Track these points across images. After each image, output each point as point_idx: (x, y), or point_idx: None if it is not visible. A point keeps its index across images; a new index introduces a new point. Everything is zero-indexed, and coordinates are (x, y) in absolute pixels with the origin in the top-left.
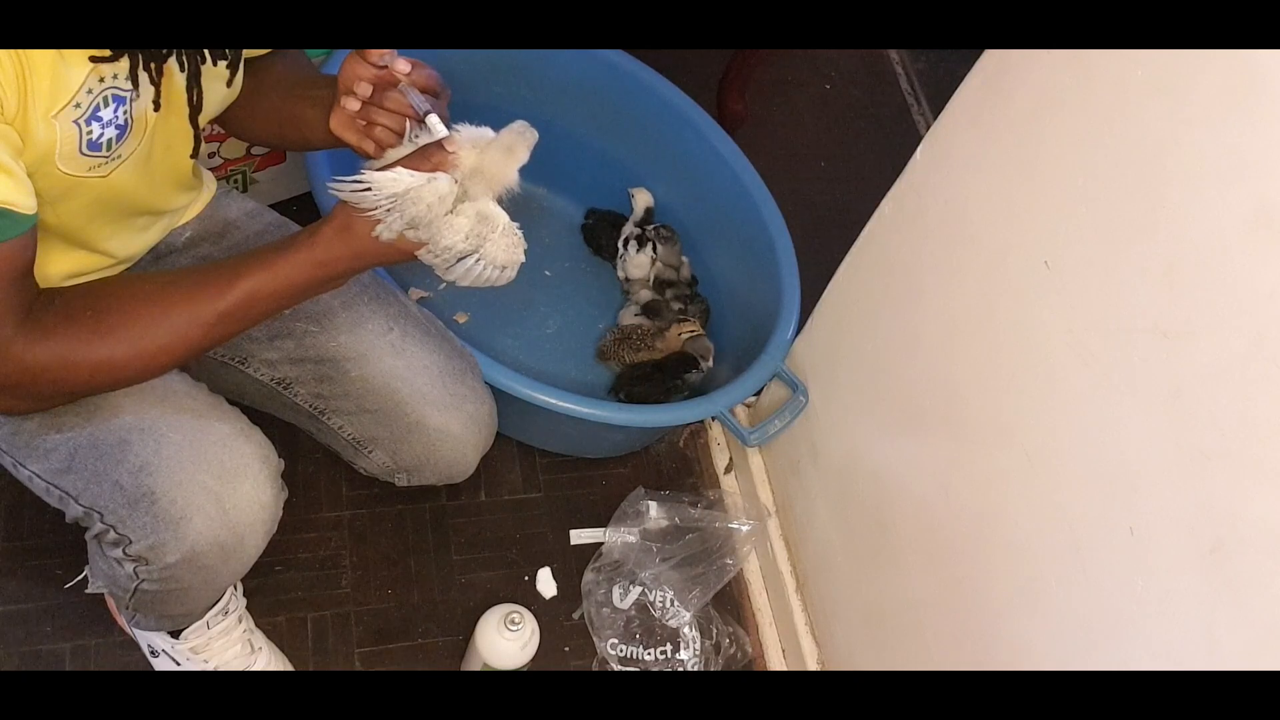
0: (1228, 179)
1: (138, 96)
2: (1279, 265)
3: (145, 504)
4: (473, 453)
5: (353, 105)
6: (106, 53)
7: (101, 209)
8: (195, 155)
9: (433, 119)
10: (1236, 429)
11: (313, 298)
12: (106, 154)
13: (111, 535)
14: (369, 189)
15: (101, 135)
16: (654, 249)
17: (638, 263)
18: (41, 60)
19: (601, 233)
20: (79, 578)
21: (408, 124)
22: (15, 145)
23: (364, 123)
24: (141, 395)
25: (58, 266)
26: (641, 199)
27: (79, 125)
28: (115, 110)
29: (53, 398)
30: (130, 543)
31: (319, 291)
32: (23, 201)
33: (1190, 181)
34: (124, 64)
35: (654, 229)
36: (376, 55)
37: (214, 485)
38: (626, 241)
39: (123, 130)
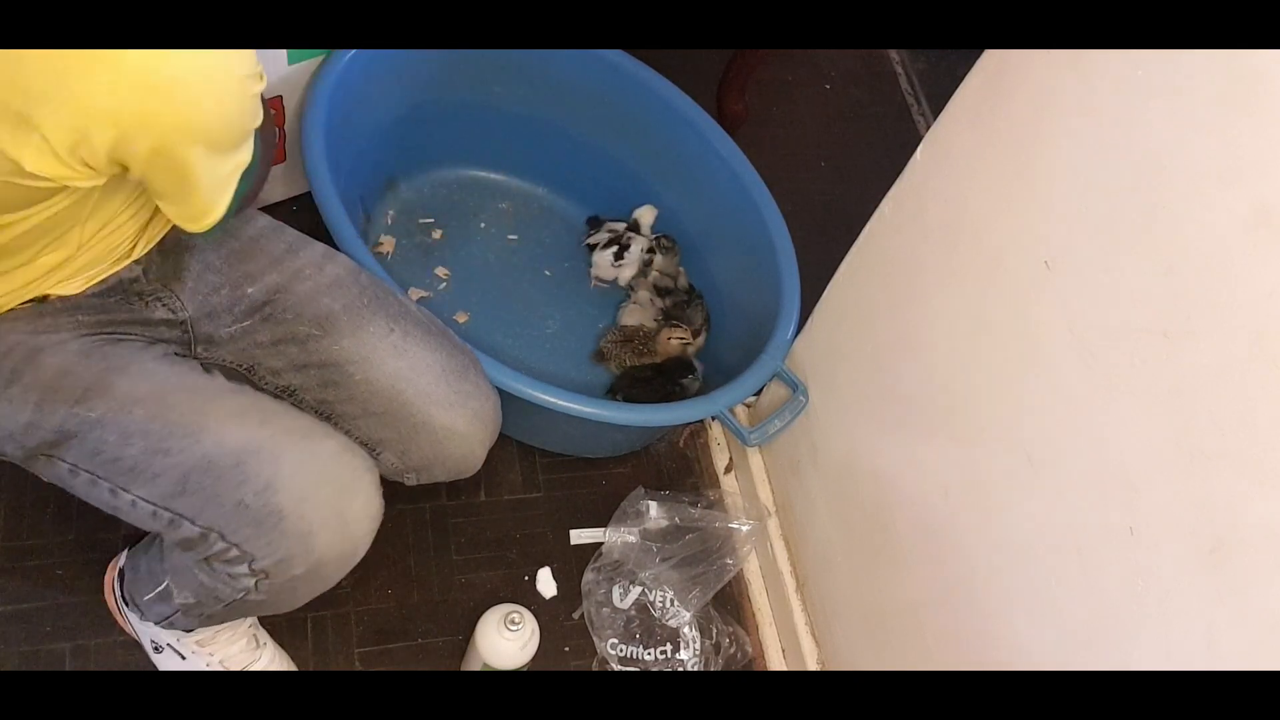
0: (1228, 179)
1: None
2: (1278, 265)
3: (272, 521)
4: (480, 448)
5: None
6: None
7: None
8: None
9: None
10: (1237, 429)
11: None
12: None
13: (233, 553)
14: None
15: None
16: (618, 251)
17: (602, 259)
18: None
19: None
20: (160, 587)
21: None
22: None
23: None
24: (243, 416)
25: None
26: (646, 218)
27: None
28: None
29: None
30: (255, 559)
31: None
32: None
33: (1190, 181)
34: None
35: (656, 239)
36: None
37: (335, 499)
38: (607, 244)
39: None
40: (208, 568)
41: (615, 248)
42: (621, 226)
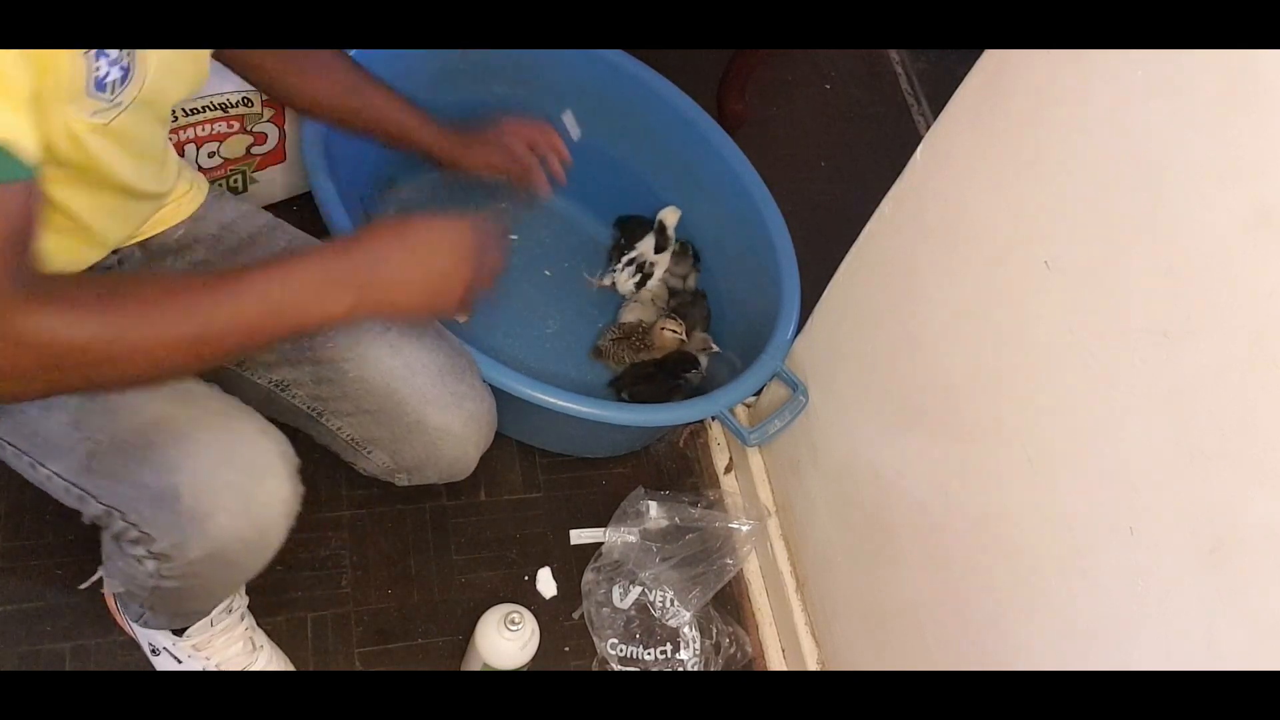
0: (1228, 179)
1: None
2: (1278, 265)
3: (169, 502)
4: (473, 450)
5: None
6: None
7: (94, 172)
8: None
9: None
10: (1237, 429)
11: (318, 327)
12: (109, 98)
13: (133, 533)
14: None
15: (108, 75)
16: (640, 281)
17: (623, 279)
18: None
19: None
20: (94, 578)
21: None
22: (38, 67)
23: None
24: (162, 395)
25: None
26: (670, 219)
27: (88, 59)
28: (120, 51)
29: (34, 380)
30: (153, 541)
31: (326, 318)
32: (24, 145)
33: (1190, 181)
34: None
35: (680, 243)
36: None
37: (239, 482)
38: (630, 262)
39: (126, 73)
40: (119, 550)
41: (639, 276)
42: (650, 247)
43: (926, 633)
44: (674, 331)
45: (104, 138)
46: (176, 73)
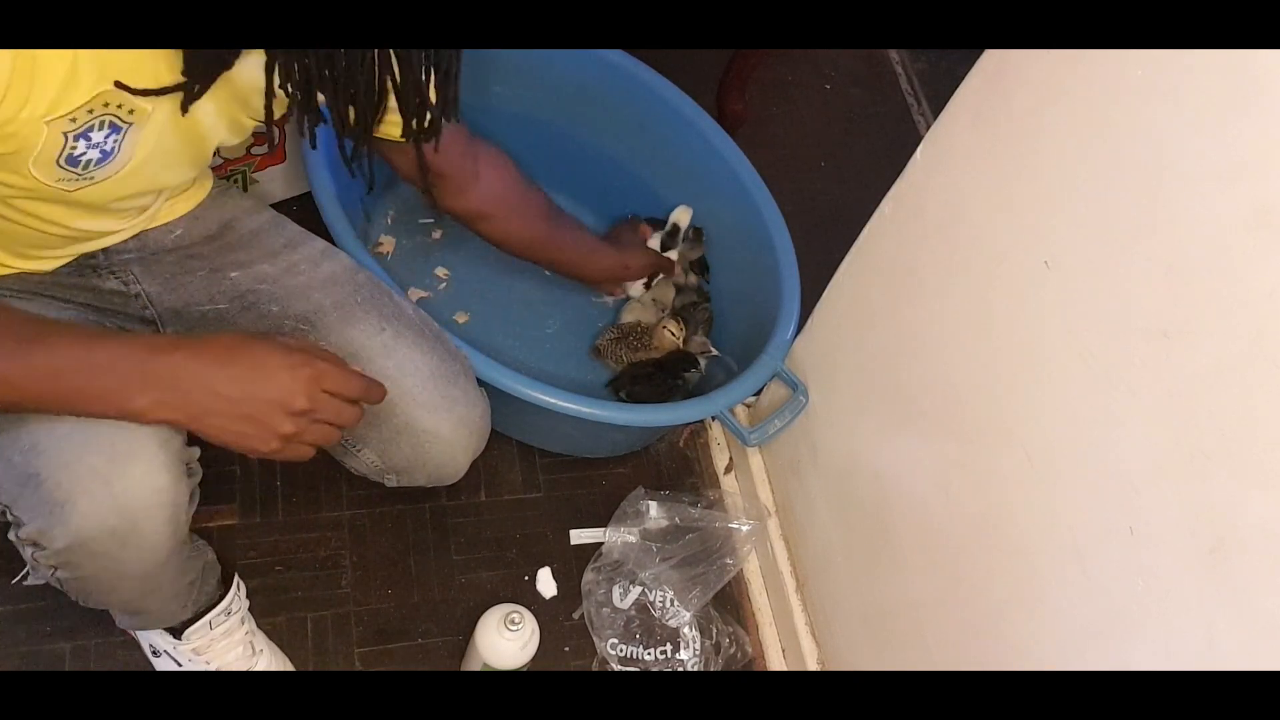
0: (1228, 179)
1: (148, 115)
2: (1278, 265)
3: (32, 485)
4: (463, 456)
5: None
6: (130, 80)
7: (55, 210)
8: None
9: None
10: (1236, 429)
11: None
12: (80, 172)
13: (8, 516)
14: None
15: (84, 154)
16: (648, 281)
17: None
18: (50, 67)
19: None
20: (22, 573)
21: None
22: None
23: None
24: None
25: None
26: (683, 219)
27: (66, 137)
28: (107, 136)
29: None
30: (22, 525)
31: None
32: None
33: (1190, 181)
34: (140, 100)
35: (693, 229)
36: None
37: (102, 467)
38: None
39: (106, 156)
40: (16, 538)
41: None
42: (656, 245)
43: (926, 632)
44: (673, 333)
45: (70, 196)
46: (170, 165)
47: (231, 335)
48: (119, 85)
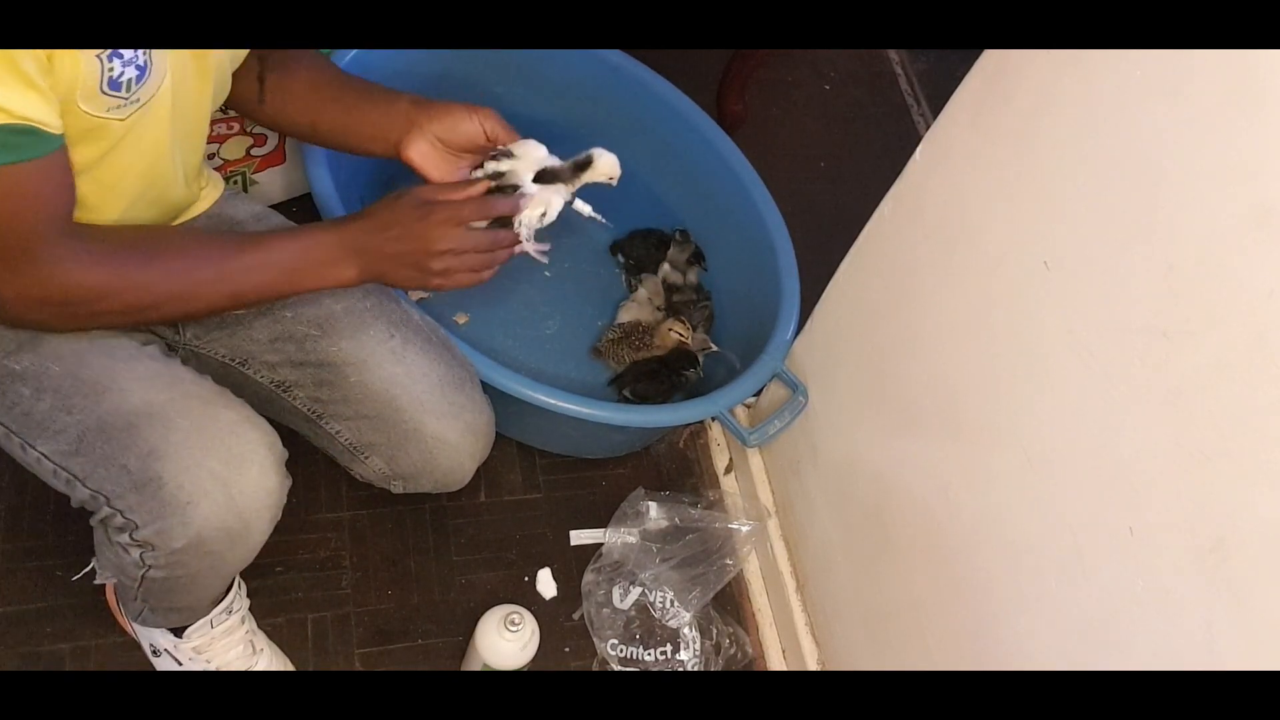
0: (1227, 179)
1: None
2: (1278, 265)
3: (152, 488)
4: (469, 462)
5: (462, 173)
6: None
7: (117, 169)
8: (214, 108)
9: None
10: (1236, 429)
11: (318, 288)
12: (125, 95)
13: (118, 520)
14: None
15: (122, 74)
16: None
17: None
18: None
19: (643, 252)
20: (86, 569)
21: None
22: (42, 64)
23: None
24: (151, 381)
25: None
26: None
27: (101, 60)
28: (135, 50)
29: (90, 318)
30: (137, 528)
31: (331, 283)
32: (52, 121)
33: (1190, 181)
34: None
35: (674, 232)
36: (498, 140)
37: (221, 471)
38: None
39: (142, 71)
40: (107, 537)
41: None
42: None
43: (927, 633)
44: (680, 333)
45: (126, 126)
46: (197, 83)
47: (384, 203)
48: None
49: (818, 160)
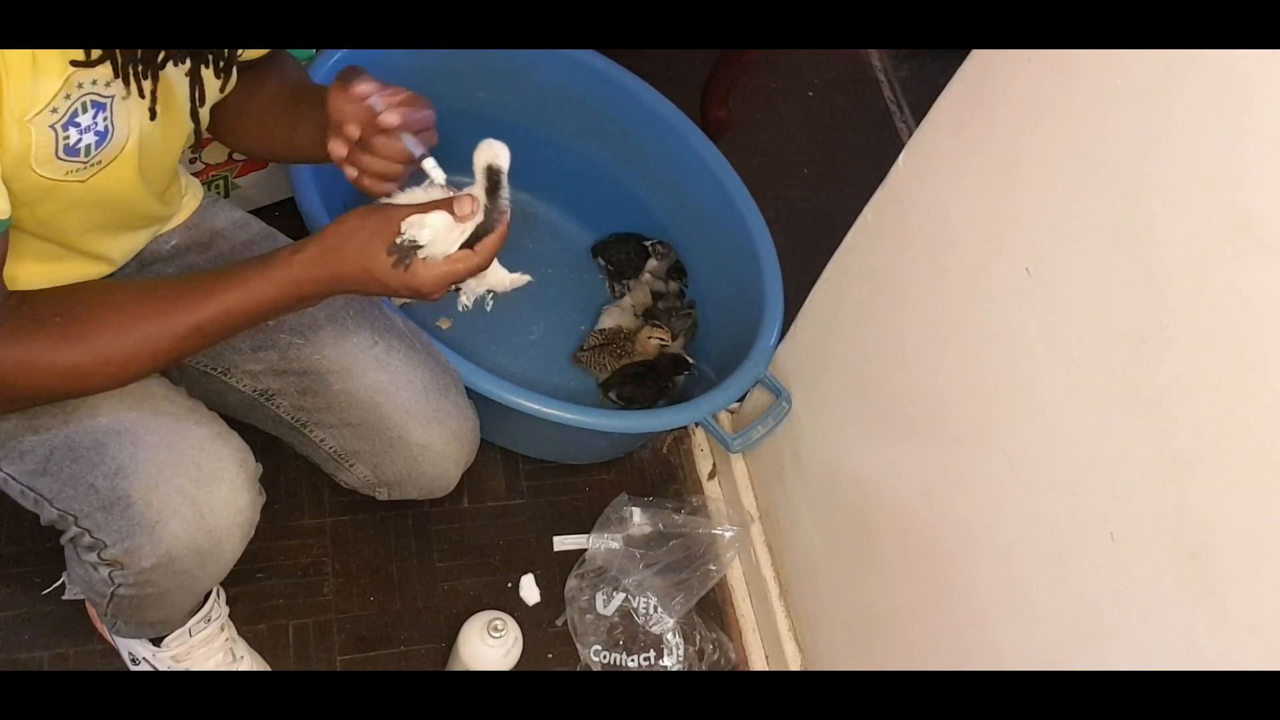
0: (1208, 187)
1: (126, 95)
2: (1258, 272)
3: (120, 508)
4: (454, 468)
5: (340, 150)
6: (81, 56)
7: (82, 212)
8: (196, 148)
9: (429, 163)
10: (1216, 435)
11: (288, 314)
12: (85, 159)
13: (86, 539)
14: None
15: (79, 141)
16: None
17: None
18: (16, 64)
19: (623, 256)
20: (56, 584)
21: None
22: None
23: (354, 168)
24: (119, 398)
25: (36, 271)
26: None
27: (55, 130)
28: (94, 116)
29: (18, 400)
30: (105, 547)
31: (293, 310)
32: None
33: (1171, 189)
34: (104, 70)
35: (652, 244)
36: (361, 92)
37: (190, 489)
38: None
39: (103, 136)
40: (76, 555)
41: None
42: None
43: (909, 637)
44: (659, 340)
45: (87, 186)
46: (169, 127)
47: (332, 227)
48: (75, 64)
49: (801, 166)
